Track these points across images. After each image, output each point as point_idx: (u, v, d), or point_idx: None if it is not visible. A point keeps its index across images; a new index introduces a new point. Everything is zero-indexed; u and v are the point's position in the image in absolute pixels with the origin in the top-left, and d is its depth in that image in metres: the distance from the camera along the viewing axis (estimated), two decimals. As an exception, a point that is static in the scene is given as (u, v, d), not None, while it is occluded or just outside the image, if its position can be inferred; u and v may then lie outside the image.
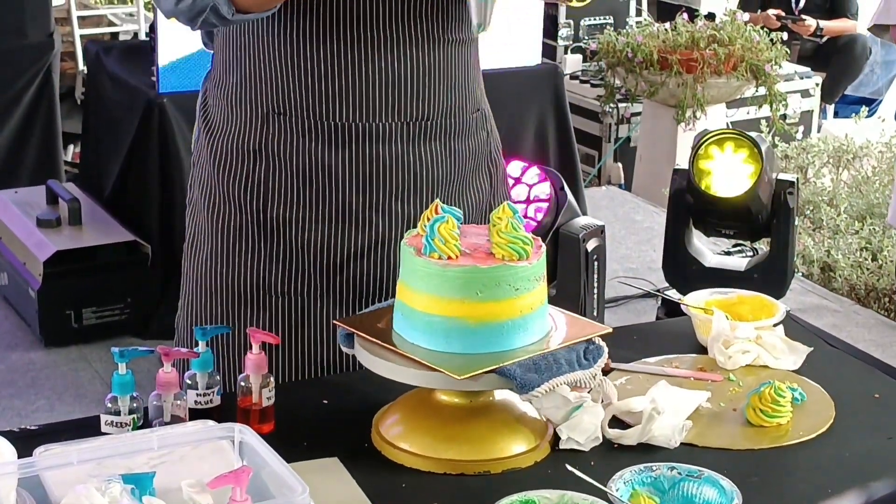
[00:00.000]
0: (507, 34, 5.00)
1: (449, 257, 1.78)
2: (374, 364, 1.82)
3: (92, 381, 4.19)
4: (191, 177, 2.24)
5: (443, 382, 1.78)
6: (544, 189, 4.22)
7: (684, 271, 2.97)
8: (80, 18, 7.01)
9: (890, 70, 8.92)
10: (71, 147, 6.40)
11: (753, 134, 2.80)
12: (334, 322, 1.94)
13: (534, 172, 4.30)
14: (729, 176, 2.78)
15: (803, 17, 8.05)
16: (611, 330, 1.89)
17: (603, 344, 1.87)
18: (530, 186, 4.25)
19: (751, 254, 4.44)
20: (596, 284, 3.79)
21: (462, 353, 1.79)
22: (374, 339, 1.84)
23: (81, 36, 6.93)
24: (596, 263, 3.68)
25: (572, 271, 3.13)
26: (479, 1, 1.84)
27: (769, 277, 2.88)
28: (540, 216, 4.11)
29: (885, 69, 8.91)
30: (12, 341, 4.51)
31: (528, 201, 4.18)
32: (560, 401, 1.84)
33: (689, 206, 2.88)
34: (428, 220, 1.81)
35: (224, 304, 2.15)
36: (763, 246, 4.46)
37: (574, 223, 3.84)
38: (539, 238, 1.86)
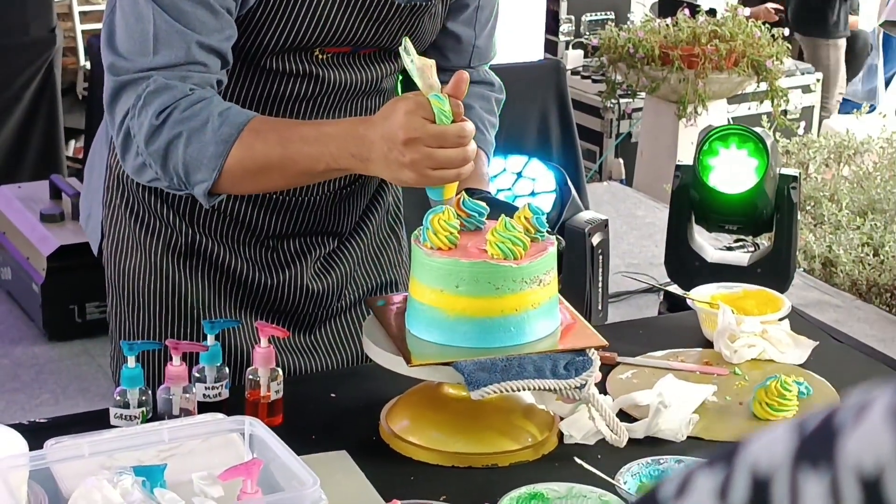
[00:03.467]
0: (510, 30, 5.01)
1: (439, 248, 1.78)
2: (378, 356, 1.83)
3: (95, 376, 4.20)
4: (105, 178, 2.14)
5: (449, 376, 1.78)
6: (549, 182, 4.23)
7: (687, 267, 2.98)
8: (82, 13, 7.02)
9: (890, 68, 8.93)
10: (73, 142, 6.41)
11: (758, 129, 2.81)
12: (367, 301, 2.01)
13: (536, 166, 4.31)
14: (734, 172, 2.79)
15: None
16: (606, 343, 1.83)
17: (595, 357, 1.80)
18: (533, 180, 4.26)
19: (752, 249, 4.45)
20: (601, 279, 3.78)
21: (438, 344, 1.79)
22: (384, 330, 1.85)
23: (83, 31, 6.94)
24: (601, 258, 3.66)
25: (578, 266, 3.12)
26: (437, 200, 1.85)
27: (772, 272, 2.88)
28: (547, 208, 4.11)
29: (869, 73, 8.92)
30: (16, 336, 4.52)
31: (532, 194, 4.19)
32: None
33: (692, 201, 2.89)
34: (457, 207, 1.83)
35: (156, 319, 2.10)
36: (764, 241, 4.46)
37: (579, 217, 3.83)
38: (552, 239, 1.84)
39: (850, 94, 8.76)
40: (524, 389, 1.74)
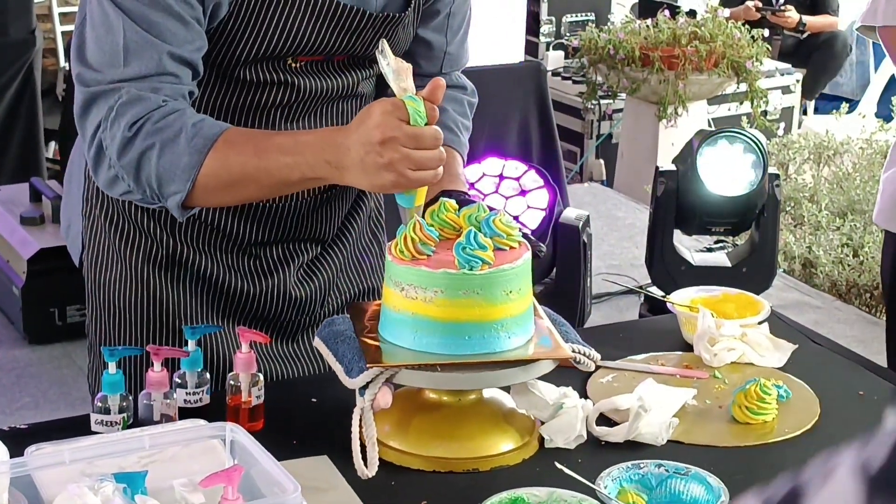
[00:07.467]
0: (490, 32, 5.01)
1: (412, 257, 1.77)
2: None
3: (76, 379, 4.19)
4: (84, 189, 2.13)
5: (428, 381, 1.78)
6: (533, 180, 4.22)
7: (671, 270, 2.99)
8: (62, 15, 7.00)
9: (864, 69, 8.97)
10: (52, 144, 6.39)
11: (751, 130, 2.84)
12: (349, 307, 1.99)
13: (513, 166, 4.30)
14: (732, 174, 2.80)
15: (786, 6, 8.08)
16: (574, 356, 1.84)
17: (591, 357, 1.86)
18: (517, 179, 4.25)
19: (730, 249, 4.46)
20: (589, 276, 3.78)
21: (412, 350, 1.78)
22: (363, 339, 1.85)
23: (63, 32, 6.92)
24: (589, 253, 3.68)
25: (573, 261, 3.12)
26: (408, 207, 1.85)
27: (757, 270, 2.90)
28: (542, 205, 4.10)
29: (858, 68, 8.95)
30: (-4, 339, 4.51)
31: (522, 193, 4.17)
32: (542, 402, 1.86)
33: (676, 206, 2.90)
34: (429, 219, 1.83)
35: (138, 330, 2.09)
36: (739, 241, 4.47)
37: (567, 214, 3.84)
38: (526, 245, 1.83)
39: (838, 90, 8.80)
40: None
